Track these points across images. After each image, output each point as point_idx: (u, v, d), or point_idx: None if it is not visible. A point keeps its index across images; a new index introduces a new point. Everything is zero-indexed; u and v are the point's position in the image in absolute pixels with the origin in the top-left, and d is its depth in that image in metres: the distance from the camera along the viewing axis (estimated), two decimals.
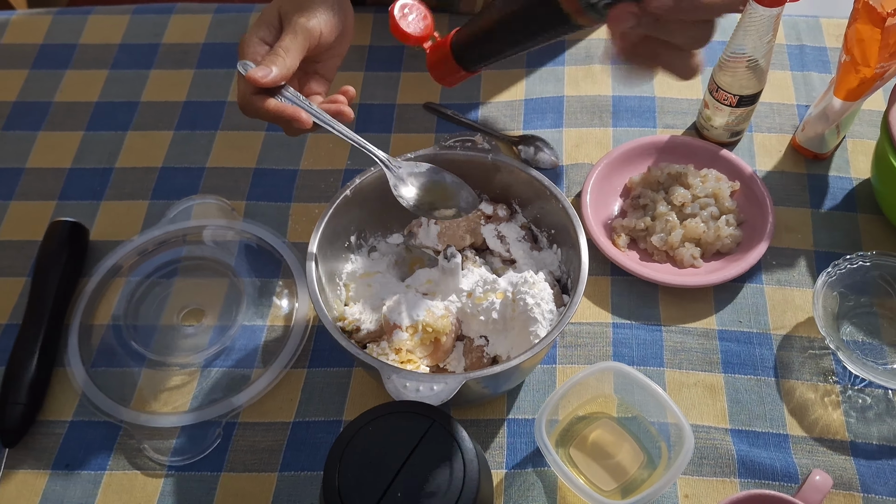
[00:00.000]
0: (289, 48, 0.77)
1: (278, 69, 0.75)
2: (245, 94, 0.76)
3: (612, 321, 0.91)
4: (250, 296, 0.92)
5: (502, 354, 0.81)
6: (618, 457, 0.81)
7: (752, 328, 0.89)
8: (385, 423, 0.64)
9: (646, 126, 1.07)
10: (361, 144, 0.79)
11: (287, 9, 0.79)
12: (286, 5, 0.79)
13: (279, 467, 0.82)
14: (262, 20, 0.79)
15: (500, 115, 1.10)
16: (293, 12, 0.78)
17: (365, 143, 0.79)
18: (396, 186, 0.80)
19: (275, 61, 0.75)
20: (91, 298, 0.92)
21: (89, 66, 1.18)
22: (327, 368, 0.88)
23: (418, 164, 0.82)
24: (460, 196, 0.81)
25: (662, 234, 0.93)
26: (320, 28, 0.79)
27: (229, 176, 1.04)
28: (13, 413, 0.83)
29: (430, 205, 0.80)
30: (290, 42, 0.77)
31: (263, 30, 0.79)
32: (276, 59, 0.76)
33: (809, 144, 1.01)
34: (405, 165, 0.81)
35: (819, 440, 0.82)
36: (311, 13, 0.79)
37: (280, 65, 0.75)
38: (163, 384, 0.87)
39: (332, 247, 0.85)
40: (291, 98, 0.77)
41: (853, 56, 0.90)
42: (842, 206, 0.98)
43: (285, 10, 0.79)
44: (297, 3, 0.79)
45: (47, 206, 1.02)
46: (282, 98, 0.76)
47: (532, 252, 0.88)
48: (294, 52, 0.77)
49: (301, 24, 0.77)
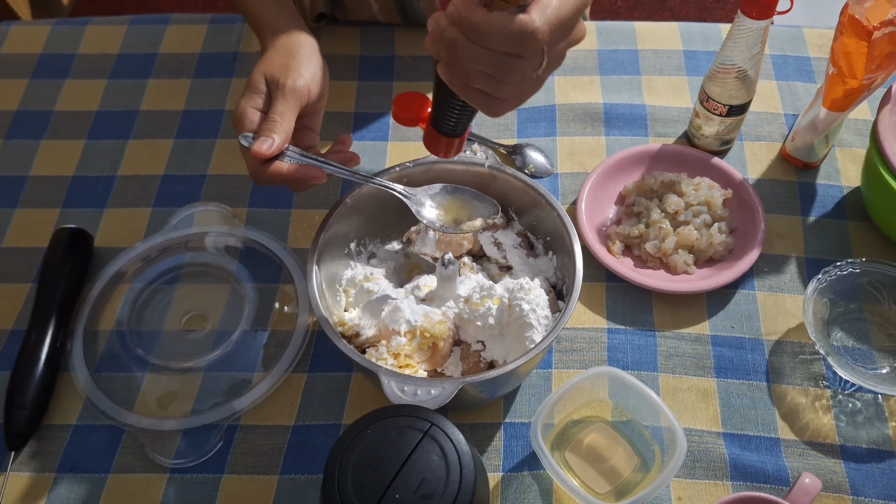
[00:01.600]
0: (283, 112, 0.78)
1: (278, 136, 0.77)
2: (255, 166, 0.78)
3: (606, 326, 0.92)
4: (251, 301, 0.94)
5: (499, 359, 0.83)
6: (612, 460, 0.82)
7: (745, 334, 0.91)
8: (383, 426, 0.66)
9: (638, 135, 1.09)
10: (380, 183, 0.82)
11: (273, 73, 0.81)
12: (271, 69, 0.81)
13: (280, 470, 0.83)
14: (250, 89, 0.81)
15: (493, 124, 1.12)
16: (280, 76, 0.80)
17: (383, 182, 0.83)
18: (419, 212, 0.82)
19: (273, 129, 0.77)
20: (95, 304, 0.93)
21: (88, 76, 1.20)
22: (327, 373, 0.90)
23: (432, 186, 0.84)
24: (480, 206, 0.83)
25: (656, 241, 0.95)
26: (308, 87, 0.81)
27: (230, 183, 1.06)
28: (19, 417, 0.84)
29: (454, 221, 0.83)
30: (283, 106, 0.79)
31: (255, 99, 0.80)
32: (274, 127, 0.77)
33: (799, 154, 1.03)
34: (420, 191, 0.83)
35: (810, 444, 0.84)
36: (298, 74, 0.81)
37: (279, 131, 0.77)
38: (166, 388, 0.88)
39: (332, 253, 0.87)
40: (297, 157, 0.79)
41: (840, 68, 0.92)
42: (832, 213, 1.00)
43: (271, 75, 0.80)
44: (283, 66, 0.81)
45: (51, 213, 1.04)
46: (287, 159, 0.78)
47: (528, 259, 0.90)
48: (289, 116, 0.79)
49: (290, 87, 0.79)
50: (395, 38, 1.21)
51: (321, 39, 1.20)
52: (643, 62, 1.17)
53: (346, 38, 1.21)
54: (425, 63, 1.18)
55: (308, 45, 0.85)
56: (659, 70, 1.16)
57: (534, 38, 0.59)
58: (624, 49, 1.18)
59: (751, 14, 0.88)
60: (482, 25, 0.58)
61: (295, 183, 0.79)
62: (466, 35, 0.59)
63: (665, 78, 1.15)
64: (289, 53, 0.83)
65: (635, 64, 1.17)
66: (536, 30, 0.59)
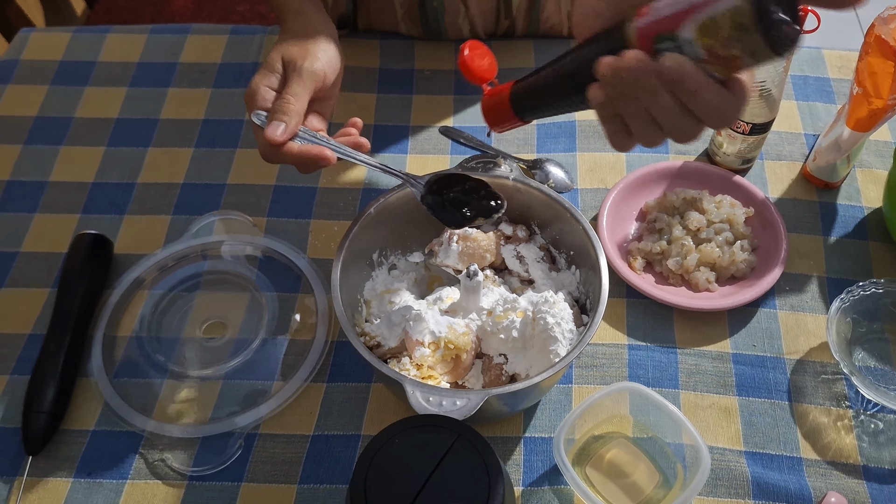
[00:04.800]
0: (297, 94, 0.79)
1: (291, 119, 0.78)
2: (266, 146, 0.78)
3: (627, 343, 0.92)
4: (271, 310, 0.94)
5: (521, 373, 0.82)
6: (633, 476, 0.82)
7: (766, 352, 0.91)
8: (412, 435, 0.65)
9: (658, 151, 1.09)
10: (384, 167, 0.81)
11: (290, 54, 0.81)
12: (289, 51, 0.82)
13: (299, 479, 0.83)
14: (266, 68, 0.82)
15: (513, 138, 1.12)
16: (298, 58, 0.81)
17: (385, 166, 0.82)
18: (425, 198, 0.81)
19: (286, 110, 0.78)
20: (115, 310, 0.93)
21: (108, 84, 1.20)
22: (346, 383, 0.89)
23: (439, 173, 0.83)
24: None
25: (678, 258, 0.95)
26: (324, 70, 0.82)
27: (250, 192, 1.06)
28: (37, 421, 0.84)
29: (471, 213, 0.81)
30: (298, 87, 0.79)
31: (269, 77, 0.81)
32: (287, 108, 0.78)
33: (820, 174, 1.03)
34: (425, 178, 0.82)
35: (832, 464, 0.83)
36: (315, 56, 0.81)
37: (291, 113, 0.78)
38: (184, 395, 0.88)
39: (354, 263, 0.86)
40: (309, 138, 0.79)
41: (865, 88, 0.92)
42: (853, 233, 1.00)
43: (289, 56, 0.81)
44: (301, 48, 0.82)
45: (71, 219, 1.04)
46: (298, 140, 0.79)
47: (550, 273, 0.90)
48: (303, 97, 0.79)
49: (306, 69, 0.80)
50: (416, 52, 1.21)
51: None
52: None
53: (366, 51, 1.22)
54: (445, 77, 1.19)
55: (327, 31, 0.86)
56: None
57: (739, 110, 0.59)
58: None
59: None
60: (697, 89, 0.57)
61: (304, 164, 0.79)
62: (668, 87, 0.58)
63: None
64: (307, 37, 0.83)
65: None
66: (745, 103, 0.59)
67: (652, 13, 0.58)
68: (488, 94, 0.75)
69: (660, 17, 0.57)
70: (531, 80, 0.70)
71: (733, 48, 0.54)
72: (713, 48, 0.55)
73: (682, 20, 0.56)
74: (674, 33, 0.57)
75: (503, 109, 0.73)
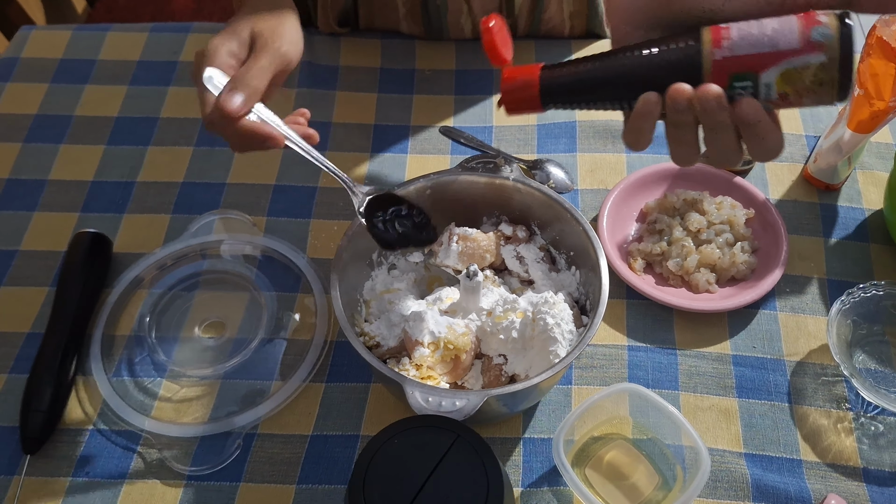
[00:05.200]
0: (263, 69, 0.75)
1: (252, 95, 0.74)
2: (217, 112, 0.74)
3: (627, 344, 0.92)
4: (270, 310, 0.93)
5: (520, 373, 0.82)
6: (633, 478, 0.81)
7: (766, 354, 0.91)
8: (411, 436, 0.65)
9: (659, 152, 1.08)
10: (328, 168, 0.79)
11: (262, 29, 0.78)
12: (261, 25, 0.79)
13: (297, 480, 0.83)
14: (232, 32, 0.78)
15: (513, 139, 1.12)
16: (269, 35, 0.78)
17: (330, 165, 0.79)
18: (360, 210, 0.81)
19: (248, 83, 0.74)
20: (114, 309, 0.93)
21: (108, 82, 1.20)
22: (345, 383, 0.89)
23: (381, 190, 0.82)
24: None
25: (678, 259, 0.94)
26: (290, 56, 0.79)
27: (250, 192, 1.06)
28: (35, 420, 0.83)
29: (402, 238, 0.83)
30: (266, 62, 0.76)
31: (234, 43, 0.77)
32: (249, 81, 0.74)
33: (821, 175, 1.03)
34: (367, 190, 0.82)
35: (832, 466, 0.83)
36: (284, 38, 0.78)
37: (254, 88, 0.74)
38: (183, 395, 0.88)
39: (354, 263, 0.86)
40: (261, 116, 0.76)
41: (867, 90, 0.92)
42: (853, 235, 1.00)
43: (260, 30, 0.78)
44: (272, 26, 0.79)
45: (70, 217, 1.04)
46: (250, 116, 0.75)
47: (550, 273, 0.90)
48: (266, 75, 0.76)
49: (276, 49, 0.77)
50: (416, 52, 1.21)
51: (342, 50, 1.21)
52: None
53: (367, 51, 1.21)
54: (446, 77, 1.18)
55: (294, 15, 0.84)
56: None
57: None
58: None
59: None
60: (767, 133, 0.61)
61: (246, 141, 0.76)
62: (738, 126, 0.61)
63: None
64: (278, 17, 0.81)
65: None
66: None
67: (731, 47, 0.59)
68: (511, 76, 0.70)
69: (741, 55, 0.59)
70: (570, 72, 0.67)
71: (807, 97, 0.58)
72: (788, 95, 0.59)
73: (766, 64, 0.58)
74: (755, 75, 0.59)
75: (529, 95, 0.69)
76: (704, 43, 0.60)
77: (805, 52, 0.57)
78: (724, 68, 0.59)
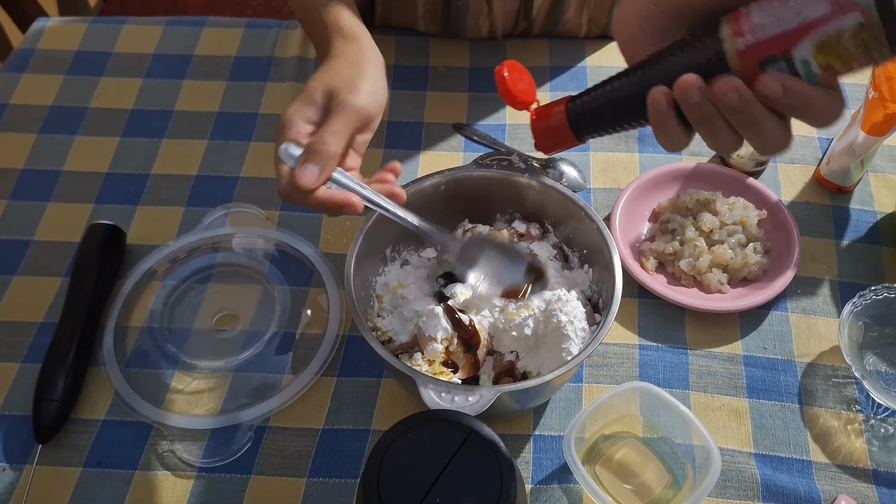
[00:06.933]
0: (337, 132, 0.70)
1: (327, 164, 0.69)
2: (289, 186, 0.69)
3: (638, 343, 0.92)
4: (283, 303, 0.94)
5: (532, 370, 0.82)
6: (643, 476, 0.82)
7: (777, 355, 0.91)
8: (424, 430, 0.65)
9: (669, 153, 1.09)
10: (418, 225, 0.76)
11: (334, 85, 0.72)
12: (333, 81, 0.73)
13: (308, 473, 0.83)
14: (307, 97, 0.72)
15: (527, 136, 1.12)
16: (343, 90, 0.72)
17: (422, 223, 0.76)
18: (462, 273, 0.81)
19: (322, 152, 0.69)
20: (127, 300, 0.93)
21: (124, 75, 1.21)
22: (357, 378, 0.89)
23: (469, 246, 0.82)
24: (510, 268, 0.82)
25: (690, 259, 0.94)
26: (370, 107, 0.73)
27: (263, 186, 1.06)
28: (48, 410, 0.84)
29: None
30: (339, 125, 0.70)
31: (308, 109, 0.72)
32: (323, 150, 0.69)
33: (834, 177, 1.02)
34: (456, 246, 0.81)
35: (842, 467, 0.83)
36: (361, 90, 0.73)
37: (328, 157, 0.69)
38: (195, 386, 0.88)
39: (367, 258, 0.86)
40: (340, 180, 0.71)
41: (881, 92, 0.92)
42: (865, 238, 1.00)
43: (333, 87, 0.72)
44: (348, 79, 0.73)
45: (84, 208, 1.04)
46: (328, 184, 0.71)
47: (563, 271, 0.90)
48: (343, 137, 0.71)
49: (351, 104, 0.71)
50: (430, 49, 1.21)
51: None
52: None
53: (381, 47, 1.19)
54: (460, 74, 1.18)
55: (377, 62, 0.78)
56: None
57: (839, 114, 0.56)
58: None
59: None
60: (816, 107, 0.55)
61: (325, 210, 0.71)
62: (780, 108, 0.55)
63: None
64: (356, 67, 0.75)
65: None
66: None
67: (752, 31, 0.54)
68: (538, 116, 0.68)
69: (767, 38, 0.54)
70: (595, 98, 0.65)
71: (857, 61, 0.52)
72: (833, 66, 0.52)
73: (794, 41, 0.53)
74: (787, 54, 0.53)
75: (560, 131, 0.67)
76: (725, 37, 0.56)
77: (836, 16, 0.50)
78: (752, 56, 0.55)
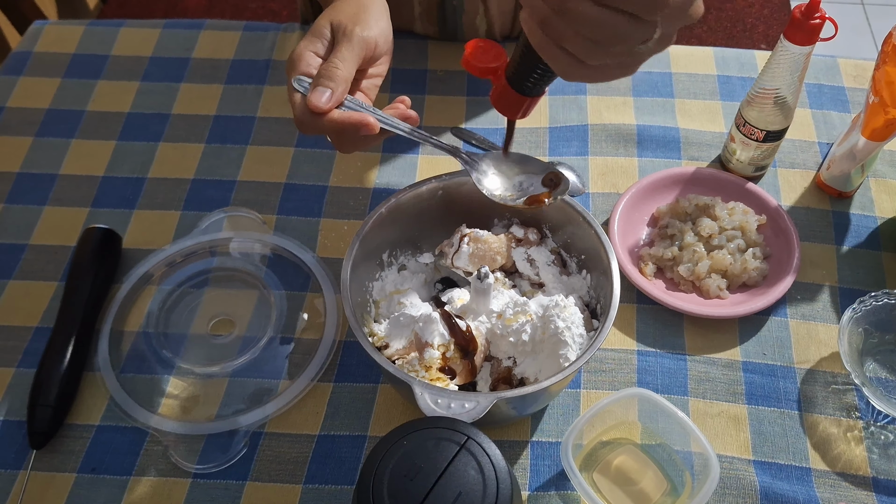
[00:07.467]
0: (346, 59, 0.74)
1: (338, 86, 0.72)
2: (304, 113, 0.73)
3: (636, 348, 0.91)
4: (279, 308, 0.93)
5: (530, 376, 0.82)
6: (641, 483, 0.81)
7: (777, 361, 0.90)
8: (420, 437, 0.65)
9: (671, 157, 1.08)
10: (433, 140, 0.78)
11: (341, 20, 0.77)
12: (339, 16, 0.77)
13: (304, 479, 0.82)
14: (313, 33, 0.77)
15: (525, 141, 1.11)
16: (348, 22, 0.76)
17: (436, 139, 0.78)
18: (480, 181, 0.79)
19: (332, 76, 0.73)
20: (122, 305, 0.93)
21: (121, 78, 1.20)
22: (353, 384, 0.89)
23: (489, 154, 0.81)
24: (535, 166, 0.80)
25: (689, 265, 0.94)
26: (376, 39, 0.77)
27: (260, 190, 1.05)
28: (42, 415, 0.84)
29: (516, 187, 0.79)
30: (347, 52, 0.74)
31: (316, 43, 0.76)
32: (333, 74, 0.73)
33: (834, 183, 1.02)
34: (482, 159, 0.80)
35: (842, 475, 0.83)
36: (367, 25, 0.77)
37: (338, 80, 0.73)
38: (190, 392, 0.88)
39: (364, 263, 0.86)
40: (353, 106, 0.74)
41: (882, 97, 0.91)
42: (865, 244, 0.99)
43: (339, 21, 0.76)
44: (352, 15, 0.77)
45: (80, 212, 1.04)
46: (341, 107, 0.73)
47: (561, 276, 0.89)
48: (351, 63, 0.74)
49: (357, 34, 0.75)
50: (429, 52, 1.21)
51: None
52: (677, 85, 1.16)
53: None
54: (458, 78, 1.18)
55: (381, 3, 0.81)
56: (693, 94, 1.15)
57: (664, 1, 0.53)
58: (658, 72, 1.18)
59: (794, 40, 0.88)
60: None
61: (343, 133, 0.74)
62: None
63: (699, 102, 1.15)
64: (361, 6, 0.79)
65: (669, 87, 1.16)
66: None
67: None
68: (496, 84, 0.71)
69: None
70: (515, 53, 0.67)
71: None
72: None
73: None
74: None
75: (507, 93, 0.70)
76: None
77: None
78: None
